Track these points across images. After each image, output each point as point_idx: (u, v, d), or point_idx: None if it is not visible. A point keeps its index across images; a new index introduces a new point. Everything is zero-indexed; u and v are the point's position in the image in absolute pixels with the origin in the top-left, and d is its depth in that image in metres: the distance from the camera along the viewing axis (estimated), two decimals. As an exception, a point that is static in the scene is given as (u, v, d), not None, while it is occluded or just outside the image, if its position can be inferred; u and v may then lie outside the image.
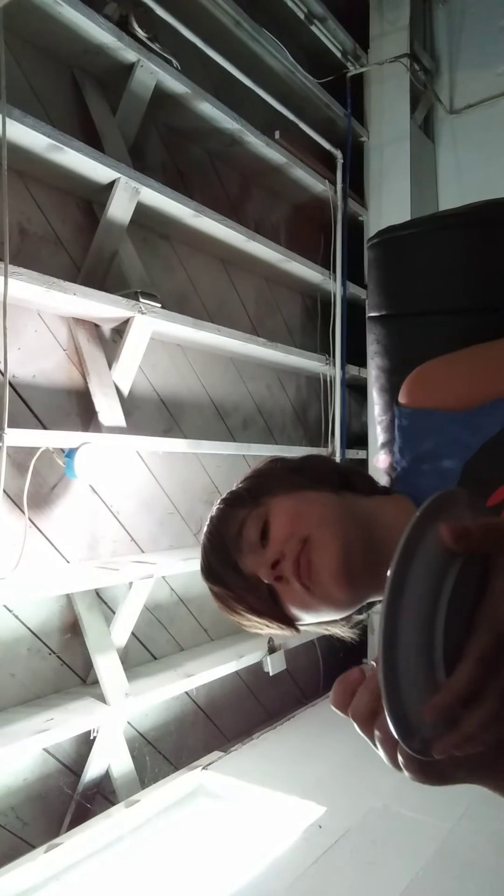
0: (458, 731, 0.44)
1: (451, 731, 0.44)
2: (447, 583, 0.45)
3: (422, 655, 0.45)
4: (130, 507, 2.08)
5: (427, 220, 0.98)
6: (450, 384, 0.78)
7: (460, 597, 0.45)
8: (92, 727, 1.77)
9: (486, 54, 3.04)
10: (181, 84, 2.09)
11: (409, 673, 0.44)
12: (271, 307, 2.82)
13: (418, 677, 0.44)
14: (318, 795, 1.80)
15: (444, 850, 1.55)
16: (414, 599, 0.45)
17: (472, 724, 0.44)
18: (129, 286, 1.94)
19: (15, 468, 1.68)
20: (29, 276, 1.58)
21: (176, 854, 1.62)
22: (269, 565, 0.72)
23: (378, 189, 3.02)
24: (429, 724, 0.44)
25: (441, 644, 0.45)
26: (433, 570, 0.45)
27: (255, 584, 0.74)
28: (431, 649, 0.45)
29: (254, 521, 0.75)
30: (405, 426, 0.80)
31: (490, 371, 0.77)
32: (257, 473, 0.84)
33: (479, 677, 0.43)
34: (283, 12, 2.68)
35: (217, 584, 0.78)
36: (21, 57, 1.83)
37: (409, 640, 0.44)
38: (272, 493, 0.77)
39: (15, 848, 1.68)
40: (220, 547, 0.77)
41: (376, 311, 0.93)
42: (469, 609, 0.45)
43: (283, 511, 0.75)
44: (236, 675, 2.41)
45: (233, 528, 0.77)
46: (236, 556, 0.76)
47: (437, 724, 0.44)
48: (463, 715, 0.44)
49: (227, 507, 0.80)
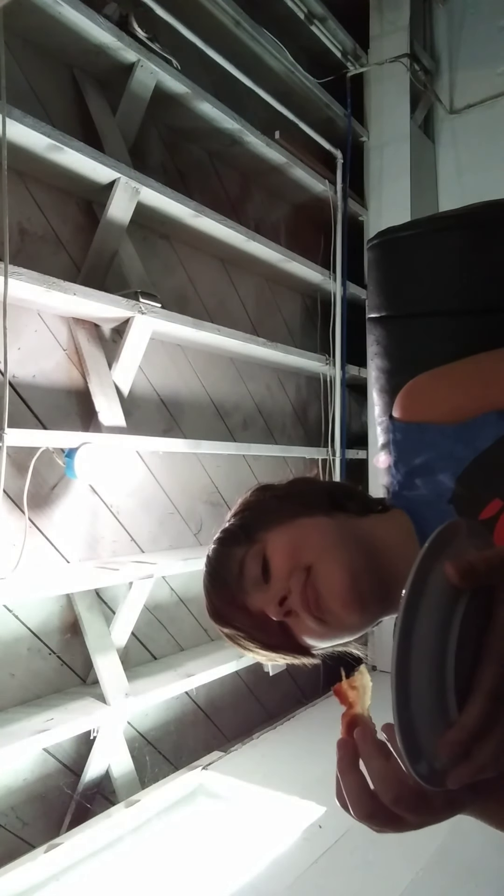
0: (472, 763, 0.46)
1: (465, 763, 0.46)
2: (455, 618, 0.47)
3: (433, 693, 0.46)
4: (130, 507, 2.08)
5: (427, 221, 0.98)
6: (442, 397, 0.77)
7: (468, 629, 0.47)
8: (92, 727, 1.77)
9: (486, 54, 3.04)
10: (181, 84, 2.09)
11: (423, 711, 0.46)
12: (271, 307, 2.82)
13: (433, 715, 0.46)
14: (318, 795, 1.80)
15: (444, 850, 1.55)
16: (424, 638, 0.46)
17: (485, 754, 0.45)
18: (129, 286, 1.94)
19: (15, 468, 1.68)
20: (29, 276, 1.58)
21: (176, 854, 1.62)
22: (276, 602, 0.70)
23: (378, 189, 3.02)
24: (444, 758, 0.46)
25: (452, 677, 0.46)
26: (441, 607, 0.47)
27: (264, 621, 0.73)
28: (443, 685, 0.46)
29: (252, 558, 0.74)
30: (399, 440, 0.79)
31: (482, 384, 0.76)
32: (246, 507, 0.82)
33: (489, 712, 0.45)
34: (283, 12, 2.67)
35: (227, 626, 0.76)
36: (21, 57, 1.83)
37: (422, 677, 0.46)
38: (266, 527, 0.76)
39: (15, 848, 1.68)
40: (224, 588, 0.76)
41: (376, 313, 0.93)
42: (477, 639, 0.47)
43: (280, 545, 0.73)
44: (236, 675, 2.41)
45: (233, 568, 0.75)
46: (241, 597, 0.74)
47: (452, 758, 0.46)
48: (475, 746, 0.45)
49: (223, 547, 0.78)
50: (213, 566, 0.79)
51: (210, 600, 0.78)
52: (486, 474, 0.71)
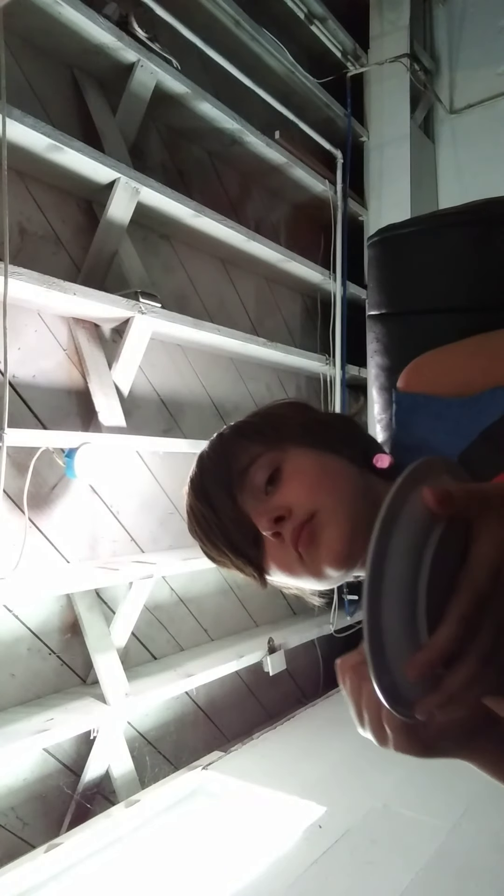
0: (441, 691, 0.45)
1: (434, 691, 0.45)
2: (429, 546, 0.46)
3: (405, 617, 0.46)
4: (130, 507, 2.08)
5: (427, 218, 0.98)
6: (449, 371, 0.76)
7: (442, 560, 0.46)
8: (92, 727, 1.77)
9: (486, 54, 3.04)
10: (181, 84, 2.09)
11: (393, 634, 0.45)
12: (271, 307, 2.82)
13: (402, 638, 0.45)
14: (318, 795, 1.80)
15: (444, 850, 1.54)
16: (397, 563, 0.46)
17: (453, 683, 0.44)
18: (129, 286, 1.94)
19: (15, 468, 1.68)
20: (29, 276, 1.58)
21: (176, 854, 1.62)
22: (271, 517, 0.67)
23: (378, 189, 3.02)
24: (412, 682, 0.45)
25: (424, 606, 0.45)
26: (415, 534, 0.46)
27: (244, 521, 0.70)
28: (414, 611, 0.46)
29: (266, 461, 0.70)
30: (403, 411, 0.78)
31: (489, 359, 0.75)
32: (279, 412, 0.78)
33: (459, 636, 0.44)
34: (283, 12, 2.68)
35: (205, 505, 0.72)
36: (21, 57, 1.83)
37: (393, 602, 0.45)
38: (294, 440, 0.72)
39: (15, 848, 1.68)
40: (222, 472, 0.72)
41: (376, 310, 0.93)
42: (451, 572, 0.46)
43: (302, 469, 0.70)
44: (236, 675, 2.41)
45: (242, 459, 0.71)
46: (237, 489, 0.71)
47: (420, 685, 0.45)
48: (445, 675, 0.45)
49: (241, 438, 0.74)
50: (221, 448, 0.74)
51: (201, 476, 0.74)
52: (491, 448, 0.70)
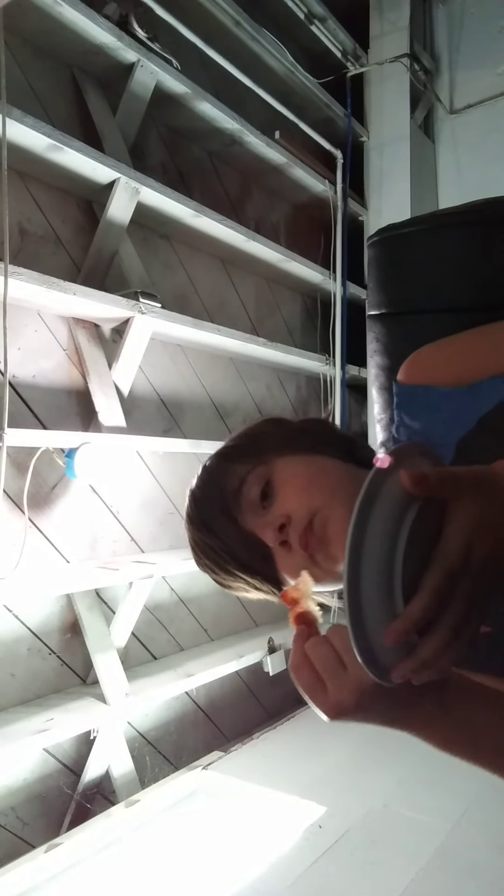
0: (415, 657, 0.49)
1: (409, 657, 0.49)
2: (405, 524, 0.50)
3: (383, 589, 0.50)
4: (130, 507, 2.08)
5: (427, 218, 0.98)
6: (448, 362, 0.77)
7: (418, 537, 0.50)
8: (92, 727, 1.77)
9: (486, 54, 3.04)
10: (181, 84, 2.09)
11: (371, 604, 0.50)
12: (271, 307, 2.82)
13: (380, 608, 0.50)
14: (318, 795, 1.80)
15: (444, 850, 1.55)
16: (375, 539, 0.50)
17: (426, 650, 0.49)
18: (129, 286, 1.94)
19: (15, 468, 1.68)
20: (29, 276, 1.58)
21: (176, 854, 1.62)
22: (275, 528, 0.68)
23: (378, 189, 3.02)
24: (389, 649, 0.49)
25: (400, 579, 0.50)
26: (393, 513, 0.50)
27: (251, 540, 0.71)
28: (391, 583, 0.50)
29: (256, 478, 0.71)
30: (403, 402, 0.79)
31: (488, 348, 0.76)
32: (255, 431, 0.79)
33: (432, 606, 0.48)
34: (283, 12, 2.68)
35: (208, 534, 0.73)
36: (21, 57, 1.83)
37: (372, 575, 0.50)
38: (277, 452, 0.73)
39: (15, 848, 1.68)
40: (217, 499, 0.73)
41: (376, 310, 0.93)
42: (426, 548, 0.50)
43: (292, 475, 0.71)
44: (236, 675, 2.41)
45: (232, 482, 0.72)
46: (235, 511, 0.72)
47: (396, 651, 0.50)
48: (419, 643, 0.49)
49: (225, 462, 0.75)
50: (209, 476, 0.76)
51: (197, 508, 0.75)
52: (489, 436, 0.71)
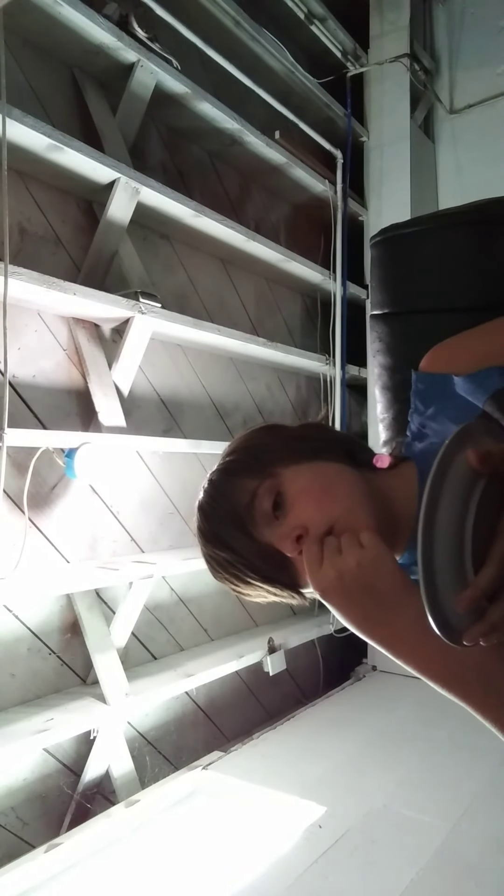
0: (485, 621, 0.54)
1: (479, 621, 0.54)
2: (473, 499, 0.55)
3: (454, 559, 0.55)
4: (130, 507, 2.08)
5: (430, 218, 0.98)
6: (466, 350, 0.78)
7: (486, 511, 0.55)
8: (92, 727, 1.77)
9: (486, 54, 3.04)
10: (181, 84, 2.09)
11: (444, 574, 0.54)
12: (271, 307, 2.82)
13: (452, 577, 0.54)
14: (318, 795, 1.80)
15: (444, 850, 1.55)
16: (446, 513, 0.55)
17: (496, 614, 0.53)
18: (129, 286, 1.94)
19: (15, 468, 1.68)
20: (29, 276, 1.58)
21: (176, 854, 1.62)
22: (293, 539, 0.69)
23: (378, 189, 3.02)
24: (461, 614, 0.54)
25: (470, 550, 0.55)
26: (462, 488, 0.55)
27: (268, 552, 0.72)
28: (462, 555, 0.55)
29: (266, 491, 0.72)
30: (420, 390, 0.80)
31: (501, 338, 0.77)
32: (255, 442, 0.80)
33: (500, 575, 0.52)
34: (283, 12, 2.68)
35: (224, 549, 0.74)
36: (21, 57, 1.83)
37: (444, 547, 0.54)
38: (282, 462, 0.74)
39: (15, 848, 1.68)
40: (230, 515, 0.73)
41: (378, 310, 0.93)
42: (493, 521, 0.55)
43: (305, 486, 0.72)
44: (236, 675, 2.41)
45: (242, 497, 0.73)
46: (249, 524, 0.72)
47: (467, 616, 0.54)
48: (489, 608, 0.54)
49: (232, 477, 0.76)
50: (218, 492, 0.76)
51: (209, 524, 0.76)
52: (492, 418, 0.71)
